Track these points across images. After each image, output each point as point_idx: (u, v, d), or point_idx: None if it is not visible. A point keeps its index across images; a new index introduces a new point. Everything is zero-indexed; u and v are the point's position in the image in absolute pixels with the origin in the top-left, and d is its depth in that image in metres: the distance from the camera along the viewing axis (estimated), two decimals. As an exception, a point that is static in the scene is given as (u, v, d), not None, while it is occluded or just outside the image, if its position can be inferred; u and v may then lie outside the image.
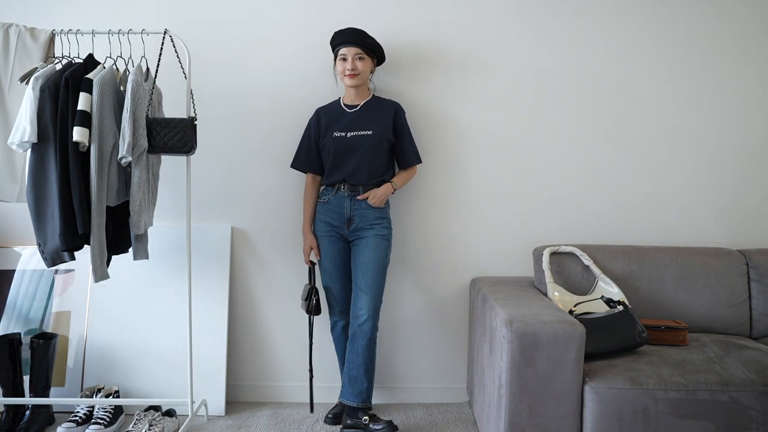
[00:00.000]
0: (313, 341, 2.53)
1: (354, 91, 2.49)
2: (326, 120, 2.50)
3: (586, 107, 2.71)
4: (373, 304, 2.38)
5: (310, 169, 2.55)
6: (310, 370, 2.52)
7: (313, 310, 2.47)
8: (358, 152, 2.44)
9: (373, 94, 2.56)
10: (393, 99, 2.57)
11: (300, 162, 2.56)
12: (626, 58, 2.70)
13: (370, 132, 2.45)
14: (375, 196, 2.44)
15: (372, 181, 2.47)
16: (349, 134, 2.45)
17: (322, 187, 2.55)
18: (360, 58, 2.41)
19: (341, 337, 2.55)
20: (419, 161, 2.57)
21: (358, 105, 2.50)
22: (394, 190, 2.50)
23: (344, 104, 2.52)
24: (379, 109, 2.51)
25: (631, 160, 2.73)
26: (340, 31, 2.44)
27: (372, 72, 2.52)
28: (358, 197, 2.44)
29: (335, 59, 2.48)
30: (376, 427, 2.32)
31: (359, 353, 2.37)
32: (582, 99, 2.71)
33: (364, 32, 2.43)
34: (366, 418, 2.35)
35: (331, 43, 2.48)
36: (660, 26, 2.69)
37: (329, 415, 2.53)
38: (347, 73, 2.41)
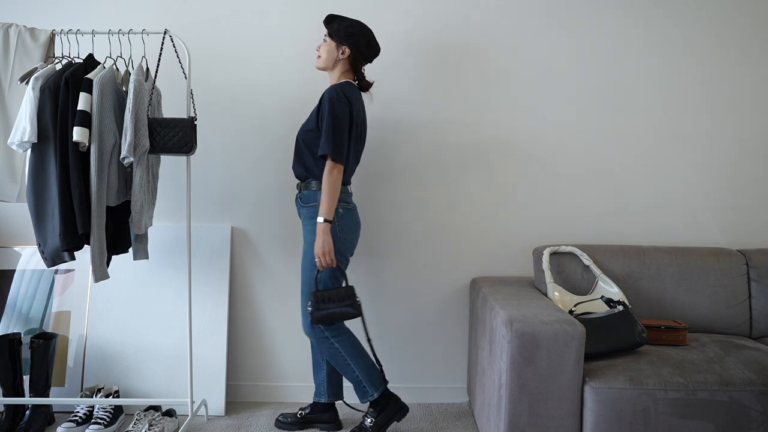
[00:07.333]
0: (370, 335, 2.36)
1: (329, 78, 2.34)
2: None
3: (587, 107, 2.72)
4: (303, 309, 2.29)
5: None
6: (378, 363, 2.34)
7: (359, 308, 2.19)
8: (296, 146, 2.32)
9: (334, 84, 2.26)
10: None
11: None
12: (626, 59, 2.70)
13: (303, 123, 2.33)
14: (319, 247, 2.15)
15: (304, 181, 2.30)
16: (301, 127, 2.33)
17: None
18: (324, 40, 2.30)
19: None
20: (324, 151, 2.15)
21: None
22: (325, 219, 2.14)
23: None
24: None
25: (631, 160, 2.73)
26: None
27: (337, 60, 2.27)
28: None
29: None
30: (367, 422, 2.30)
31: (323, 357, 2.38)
32: (582, 99, 2.71)
33: (336, 16, 2.27)
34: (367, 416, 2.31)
35: None
36: (659, 28, 2.70)
37: (279, 418, 2.48)
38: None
